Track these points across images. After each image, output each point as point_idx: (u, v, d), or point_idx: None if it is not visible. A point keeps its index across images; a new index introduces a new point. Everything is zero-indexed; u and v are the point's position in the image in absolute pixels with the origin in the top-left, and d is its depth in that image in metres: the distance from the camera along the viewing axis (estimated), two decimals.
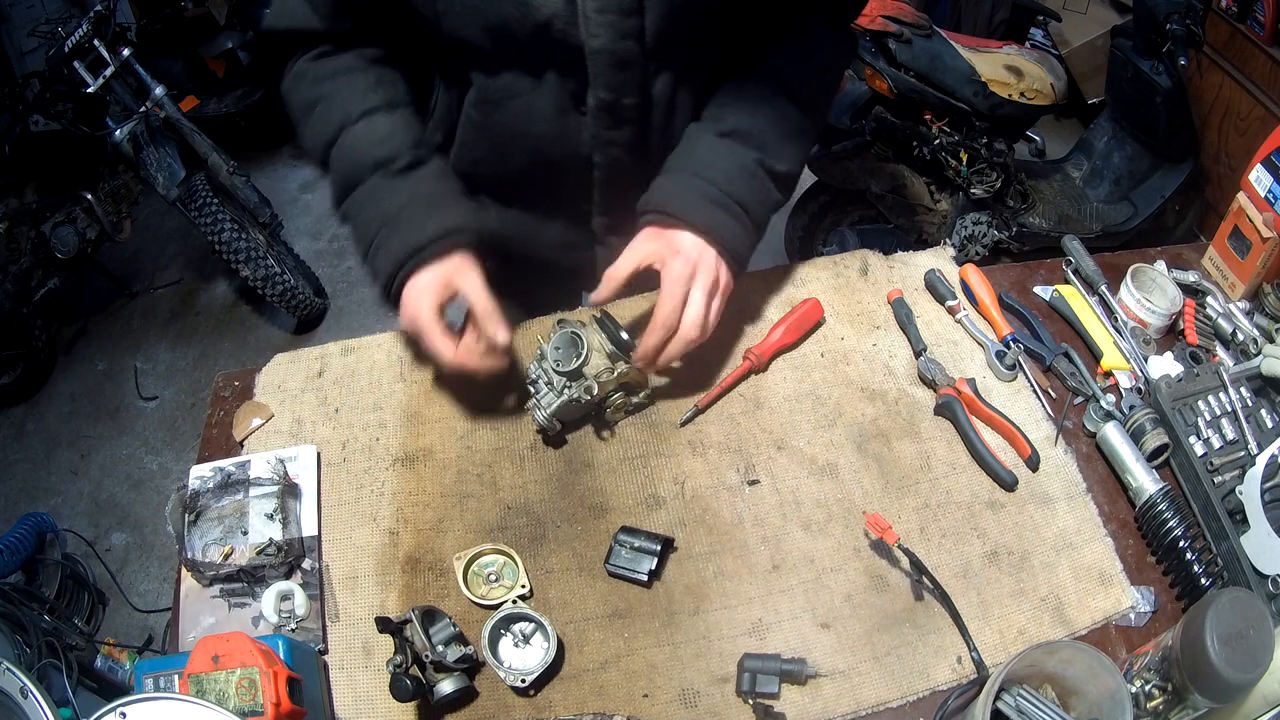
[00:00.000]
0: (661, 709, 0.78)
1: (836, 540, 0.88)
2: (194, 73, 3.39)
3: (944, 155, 2.33)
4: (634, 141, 0.95)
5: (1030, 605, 0.84)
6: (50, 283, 2.76)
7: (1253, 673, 0.66)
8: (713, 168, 0.92)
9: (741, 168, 0.93)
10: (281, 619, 0.82)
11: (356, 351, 1.06)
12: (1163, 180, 2.51)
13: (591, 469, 0.94)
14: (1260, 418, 0.94)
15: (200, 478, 0.93)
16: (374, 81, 0.94)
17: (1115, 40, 2.45)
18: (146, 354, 3.00)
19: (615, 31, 0.84)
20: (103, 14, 2.40)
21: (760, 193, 0.95)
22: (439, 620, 0.80)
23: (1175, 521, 0.85)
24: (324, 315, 3.00)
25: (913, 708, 0.79)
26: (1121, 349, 1.02)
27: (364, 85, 0.93)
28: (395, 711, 0.79)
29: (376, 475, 0.95)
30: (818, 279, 1.11)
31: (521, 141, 0.95)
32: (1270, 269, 1.06)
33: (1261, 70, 2.43)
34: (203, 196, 2.57)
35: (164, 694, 0.66)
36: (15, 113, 2.59)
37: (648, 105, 0.93)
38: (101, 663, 1.48)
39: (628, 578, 0.85)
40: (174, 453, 2.67)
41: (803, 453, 0.94)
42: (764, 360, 1.00)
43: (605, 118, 0.92)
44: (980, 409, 0.96)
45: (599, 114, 0.91)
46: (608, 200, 1.02)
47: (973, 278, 1.07)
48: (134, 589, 2.31)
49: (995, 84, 2.28)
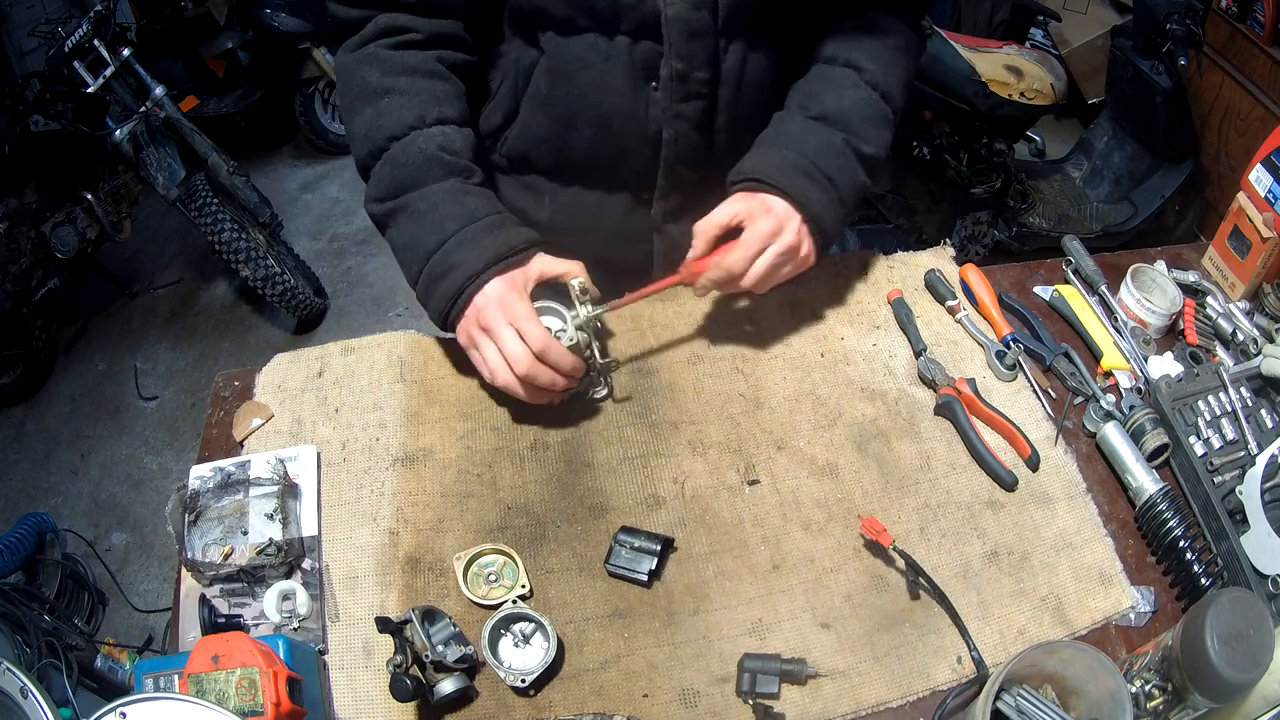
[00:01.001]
0: (661, 709, 0.78)
1: (836, 540, 0.88)
2: (194, 73, 3.39)
3: (944, 155, 2.34)
4: (702, 118, 0.96)
5: (1030, 605, 0.84)
6: (50, 283, 2.76)
7: (1253, 673, 0.66)
8: (803, 142, 0.94)
9: (830, 145, 0.95)
10: (283, 618, 0.82)
11: (356, 351, 1.06)
12: (1163, 180, 2.51)
13: (591, 469, 0.94)
14: (1260, 418, 0.94)
15: (200, 478, 0.93)
16: (451, 92, 0.94)
17: (1115, 40, 2.46)
18: (146, 354, 3.00)
19: (689, 1, 0.87)
20: (103, 14, 2.40)
21: (848, 171, 0.96)
22: (439, 620, 0.80)
23: (1175, 521, 0.85)
24: (324, 315, 3.00)
25: (913, 708, 0.79)
26: (1121, 349, 1.02)
27: (442, 91, 0.93)
28: (395, 711, 0.79)
29: (376, 475, 0.95)
30: (817, 279, 1.11)
31: (589, 116, 0.96)
32: (1270, 269, 1.06)
33: (1261, 70, 2.43)
34: (203, 196, 2.57)
35: (164, 694, 0.65)
36: (15, 113, 2.59)
37: (716, 80, 0.94)
38: (101, 663, 1.48)
39: (628, 578, 0.85)
40: (174, 453, 2.67)
41: (803, 453, 0.94)
42: (696, 275, 0.94)
43: (677, 89, 0.93)
44: (980, 409, 0.96)
45: (670, 85, 0.92)
46: (671, 181, 1.02)
47: (973, 278, 1.08)
48: (134, 589, 2.31)
49: (995, 84, 2.28)
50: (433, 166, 0.90)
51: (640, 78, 0.93)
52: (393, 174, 0.91)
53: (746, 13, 0.90)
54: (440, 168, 0.91)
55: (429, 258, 0.89)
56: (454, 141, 0.92)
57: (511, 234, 0.90)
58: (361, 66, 0.93)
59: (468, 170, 0.93)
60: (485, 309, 0.87)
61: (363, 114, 0.93)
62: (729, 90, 0.96)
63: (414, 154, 0.90)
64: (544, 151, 1.01)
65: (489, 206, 0.92)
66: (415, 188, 0.90)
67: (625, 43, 0.91)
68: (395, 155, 0.91)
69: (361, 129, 0.93)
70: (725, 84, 0.95)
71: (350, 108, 0.95)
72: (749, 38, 0.94)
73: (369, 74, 0.92)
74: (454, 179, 0.91)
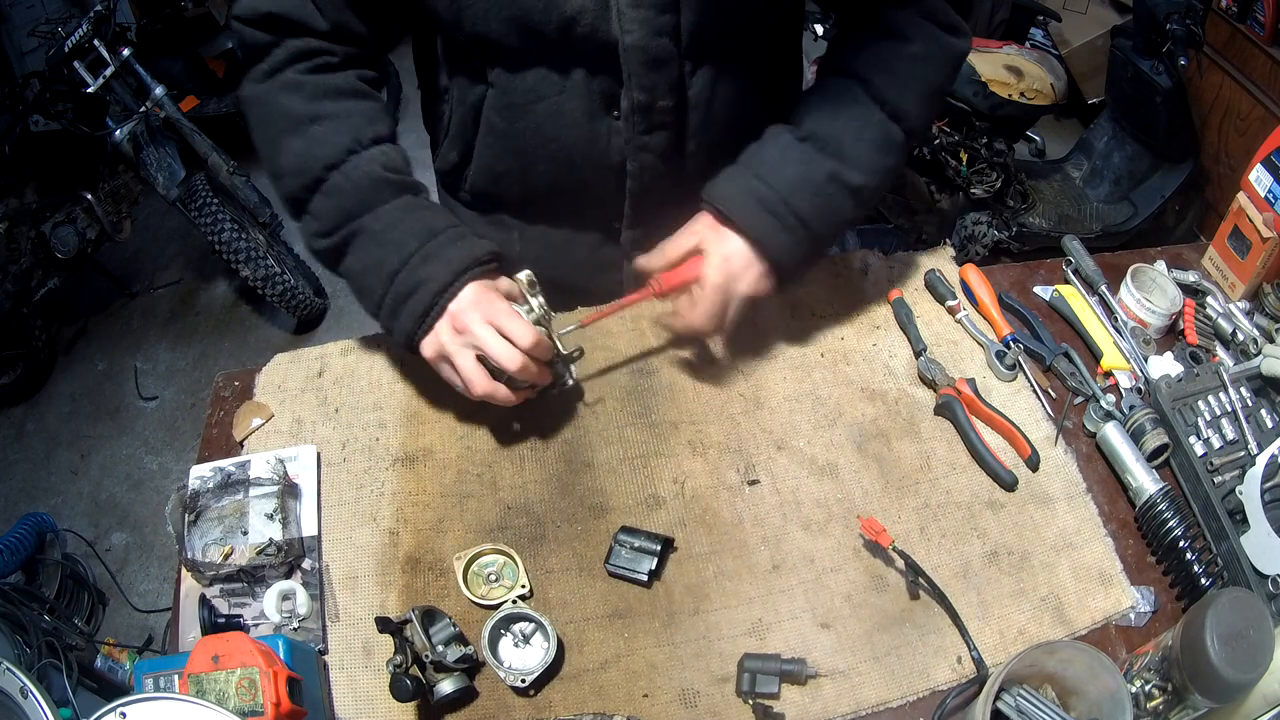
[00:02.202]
0: (661, 709, 0.78)
1: (836, 540, 0.88)
2: (194, 73, 3.39)
3: (944, 155, 2.34)
4: (669, 148, 0.91)
5: (1030, 605, 0.84)
6: (50, 283, 2.76)
7: (1253, 673, 0.66)
8: (779, 173, 0.87)
9: (810, 178, 0.87)
10: (283, 618, 0.82)
11: (356, 351, 1.06)
12: (1163, 180, 2.51)
13: (591, 469, 0.94)
14: (1260, 418, 0.94)
15: (200, 478, 0.93)
16: (379, 110, 0.90)
17: (1115, 40, 2.45)
18: (146, 354, 3.00)
19: (649, 27, 0.80)
20: (103, 14, 2.40)
21: (827, 209, 0.88)
22: (439, 620, 0.80)
23: (1175, 521, 0.85)
24: (324, 315, 3.00)
25: (913, 708, 0.79)
26: (1121, 349, 1.02)
27: (371, 110, 0.89)
28: (395, 711, 0.79)
29: (376, 475, 0.95)
30: (817, 279, 1.11)
31: (548, 150, 0.91)
32: (1270, 269, 1.06)
33: (1261, 70, 2.43)
34: (203, 196, 2.57)
35: (164, 694, 0.65)
36: (15, 113, 2.60)
37: (683, 108, 0.89)
38: (101, 663, 1.48)
39: (628, 578, 0.85)
40: (174, 453, 2.67)
41: (803, 453, 0.94)
42: (666, 288, 0.91)
43: (640, 121, 0.88)
44: (980, 409, 0.96)
45: (633, 118, 0.87)
46: (638, 212, 0.98)
47: (973, 278, 1.08)
48: (134, 589, 2.31)
49: (995, 84, 2.28)
50: (381, 188, 0.86)
51: (600, 108, 0.88)
52: (339, 203, 0.86)
53: (712, 36, 0.84)
54: (389, 188, 0.86)
55: (393, 277, 0.84)
56: (394, 160, 0.88)
57: (474, 245, 0.86)
58: (278, 95, 0.87)
59: (415, 187, 0.89)
60: (460, 313, 0.83)
61: (290, 146, 0.86)
62: (698, 117, 0.90)
63: (358, 178, 0.85)
64: (506, 187, 0.96)
65: (446, 220, 0.88)
66: (367, 210, 0.85)
67: (582, 74, 0.86)
68: (337, 184, 0.85)
69: (291, 162, 0.86)
70: (694, 111, 0.90)
71: (273, 140, 0.87)
72: (717, 62, 0.88)
73: (289, 102, 0.86)
74: (405, 196, 0.87)
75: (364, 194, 0.86)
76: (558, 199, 0.98)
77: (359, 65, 0.92)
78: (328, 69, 0.89)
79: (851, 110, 0.89)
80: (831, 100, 0.90)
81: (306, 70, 0.88)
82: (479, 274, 0.86)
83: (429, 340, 0.85)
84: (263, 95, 0.88)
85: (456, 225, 0.88)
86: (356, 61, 0.91)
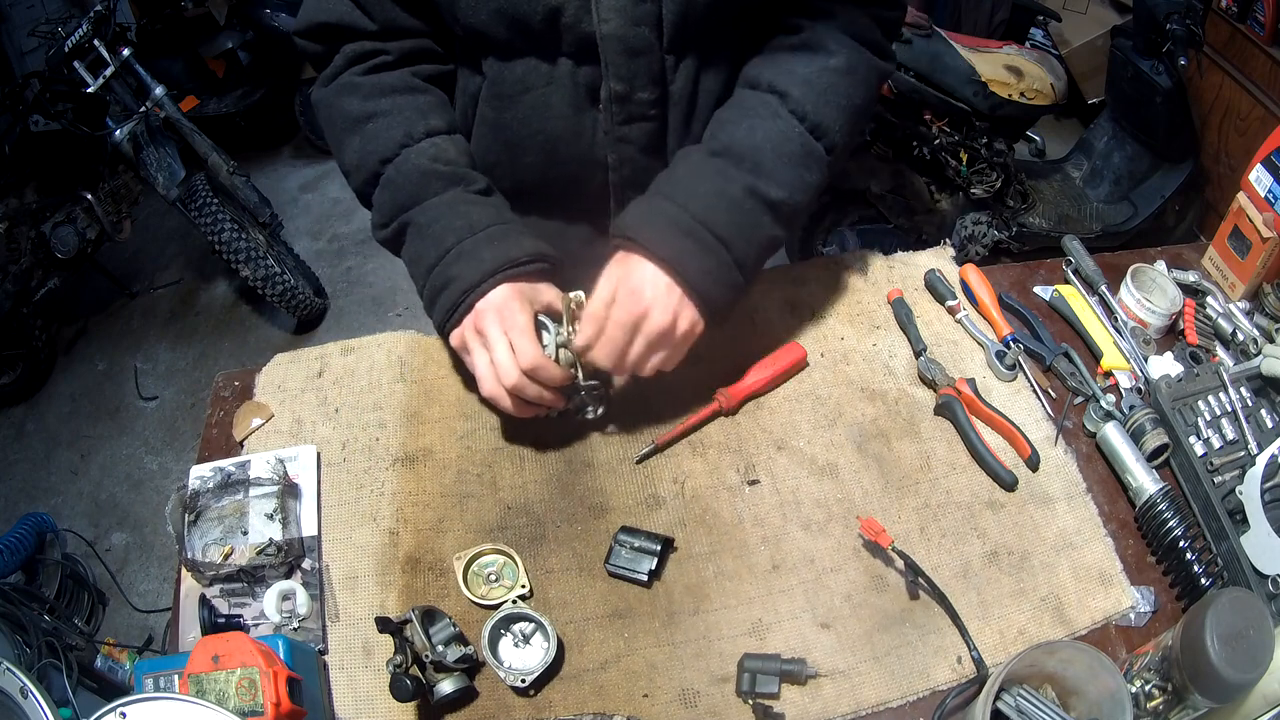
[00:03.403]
0: (661, 709, 0.78)
1: (836, 540, 0.88)
2: (194, 73, 3.39)
3: (944, 155, 2.34)
4: (649, 142, 0.90)
5: (1030, 605, 0.84)
6: (50, 283, 2.76)
7: (1253, 673, 0.66)
8: (691, 191, 0.83)
9: (726, 194, 0.83)
10: (283, 618, 0.82)
11: (356, 351, 1.06)
12: (1163, 180, 2.51)
13: (591, 469, 0.94)
14: (1260, 418, 0.94)
15: (200, 478, 0.93)
16: (435, 103, 0.92)
17: (1115, 40, 2.45)
18: (146, 354, 3.00)
19: (627, 17, 0.80)
20: (103, 14, 2.41)
21: (747, 226, 0.83)
22: (439, 620, 0.80)
23: (1175, 521, 0.85)
24: (324, 315, 3.00)
25: (913, 708, 0.79)
26: (1121, 349, 1.02)
27: (425, 105, 0.91)
28: (395, 711, 0.79)
29: (376, 475, 0.95)
30: (817, 279, 1.11)
31: (535, 141, 0.92)
32: (1270, 269, 1.06)
33: (1261, 70, 2.43)
34: (203, 196, 2.58)
35: (164, 694, 0.66)
36: (15, 113, 2.59)
37: (664, 100, 0.88)
38: (101, 663, 1.48)
39: (628, 578, 0.85)
40: (174, 453, 2.67)
41: (803, 453, 0.94)
42: (734, 402, 0.96)
43: (618, 112, 0.87)
44: (980, 409, 0.96)
45: (611, 107, 0.86)
46: (624, 206, 0.96)
47: (973, 278, 1.08)
48: (134, 589, 2.31)
49: (995, 84, 2.28)
50: (430, 180, 0.88)
51: (584, 100, 0.88)
52: (392, 196, 0.89)
53: (695, 28, 0.82)
54: (438, 180, 0.88)
55: (430, 272, 0.87)
56: (447, 151, 0.90)
57: (513, 245, 0.86)
58: (339, 98, 0.91)
59: (467, 178, 0.89)
60: (483, 314, 0.84)
61: (351, 144, 0.90)
62: (680, 112, 0.89)
63: (408, 171, 0.88)
64: (498, 178, 0.96)
65: (492, 216, 0.88)
66: (416, 203, 0.88)
67: (568, 65, 0.86)
68: (391, 178, 0.89)
69: (353, 160, 0.90)
70: (675, 105, 0.88)
71: (338, 142, 0.92)
72: (701, 55, 0.87)
73: (348, 103, 0.90)
74: (454, 189, 0.88)
75: (414, 187, 0.88)
76: (547, 191, 0.98)
77: (418, 60, 0.94)
78: (384, 68, 0.91)
79: (769, 125, 0.84)
80: (748, 114, 0.86)
81: (363, 71, 0.91)
82: (515, 275, 0.85)
83: (455, 332, 0.87)
84: (327, 99, 0.92)
85: (500, 223, 0.88)
86: (414, 57, 0.93)
